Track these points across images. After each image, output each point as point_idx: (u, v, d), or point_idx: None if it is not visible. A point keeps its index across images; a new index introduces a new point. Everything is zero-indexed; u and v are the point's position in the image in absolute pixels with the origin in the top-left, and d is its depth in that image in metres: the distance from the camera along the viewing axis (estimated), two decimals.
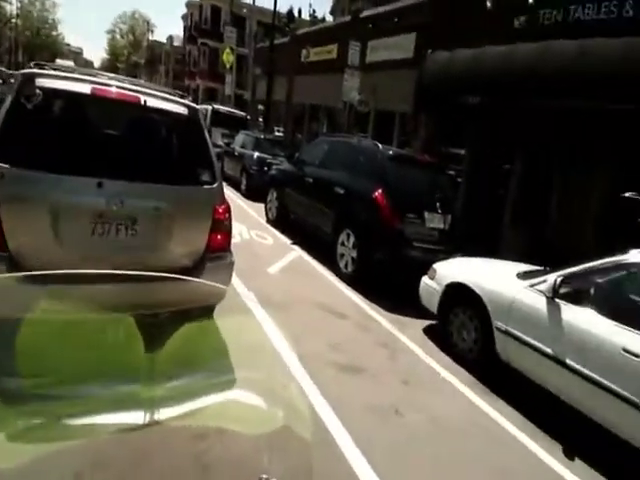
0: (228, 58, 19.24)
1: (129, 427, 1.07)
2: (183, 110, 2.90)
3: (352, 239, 5.50)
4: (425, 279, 4.43)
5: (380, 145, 6.03)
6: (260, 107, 19.08)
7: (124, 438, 1.09)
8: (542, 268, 3.75)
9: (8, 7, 37.69)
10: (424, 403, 3.17)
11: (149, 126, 2.98)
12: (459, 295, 3.94)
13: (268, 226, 7.65)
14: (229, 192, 9.74)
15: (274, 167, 8.34)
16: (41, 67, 2.68)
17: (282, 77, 16.44)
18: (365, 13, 12.17)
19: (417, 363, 3.79)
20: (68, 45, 64.85)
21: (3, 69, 22.21)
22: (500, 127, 7.85)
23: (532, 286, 3.43)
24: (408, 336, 4.24)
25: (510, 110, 6.51)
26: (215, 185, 2.95)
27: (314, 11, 28.51)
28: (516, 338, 3.38)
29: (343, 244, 5.64)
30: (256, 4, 21.62)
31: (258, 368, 1.33)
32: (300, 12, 29.85)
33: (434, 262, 4.50)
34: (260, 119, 18.27)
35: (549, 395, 3.20)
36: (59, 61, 26.37)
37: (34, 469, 0.90)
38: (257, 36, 21.68)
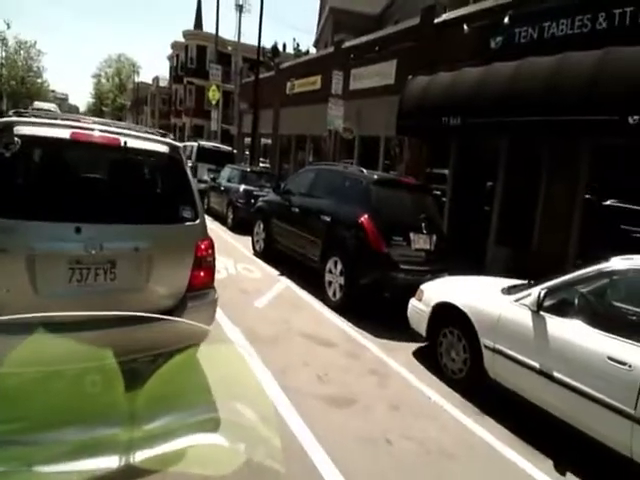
0: (214, 95, 20.12)
1: (104, 472, 1.10)
2: (164, 149, 3.00)
3: (339, 266, 5.65)
4: (413, 301, 4.54)
5: (365, 170, 6.30)
6: (247, 140, 19.74)
7: None
8: (526, 282, 3.89)
9: None
10: (415, 429, 3.21)
11: (129, 167, 3.08)
12: (447, 315, 4.05)
13: (255, 259, 7.81)
14: (216, 227, 9.96)
15: (260, 199, 8.59)
16: (20, 115, 2.77)
17: (268, 110, 17.18)
18: (347, 44, 12.93)
19: (407, 388, 3.84)
20: (53, 92, 67.36)
21: None
22: (482, 146, 8.23)
23: (517, 301, 3.55)
24: (397, 361, 4.31)
25: (491, 129, 6.85)
26: (197, 221, 3.02)
27: (298, 45, 29.96)
28: (503, 354, 3.47)
29: (330, 272, 5.79)
30: (241, 41, 22.85)
31: (242, 404, 1.37)
32: (285, 46, 31.54)
33: (421, 283, 4.64)
34: (246, 152, 18.86)
35: (539, 411, 3.26)
36: (37, 103, 26.80)
37: None
38: (242, 72, 22.76)
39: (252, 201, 9.42)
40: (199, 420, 1.30)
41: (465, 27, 8.37)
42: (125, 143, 2.80)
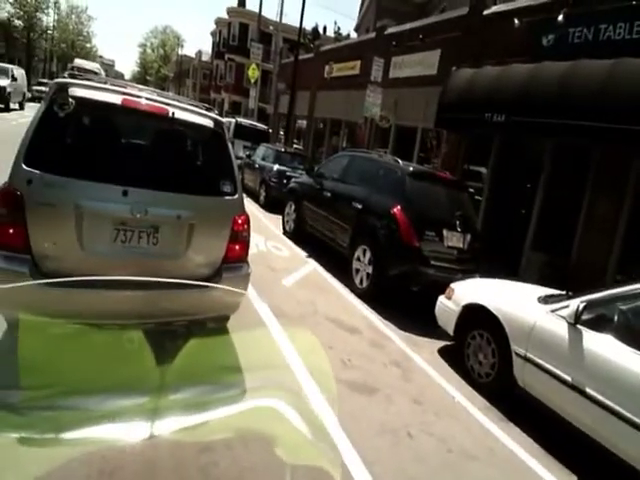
0: (253, 73, 19.84)
1: (132, 440, 1.07)
2: (208, 123, 2.97)
3: (368, 255, 5.51)
4: (442, 299, 4.39)
5: (400, 161, 6.06)
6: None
7: (129, 450, 1.08)
8: (564, 293, 3.67)
9: (45, 18, 39.64)
10: (437, 427, 3.11)
11: (175, 137, 3.05)
12: (477, 317, 3.89)
13: (285, 238, 7.74)
14: (248, 203, 9.83)
15: (293, 180, 8.46)
16: (74, 77, 2.78)
17: (305, 92, 16.84)
18: (390, 30, 12.39)
19: (430, 385, 3.73)
20: (101, 57, 67.99)
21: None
22: (525, 146, 7.80)
23: (553, 311, 3.36)
24: (422, 356, 4.20)
25: (537, 130, 6.46)
26: (236, 196, 3.01)
27: (339, 28, 28.89)
28: (535, 364, 3.30)
29: (359, 259, 5.66)
30: (282, 21, 22.29)
31: (272, 384, 1.33)
32: (325, 29, 30.65)
33: (451, 282, 4.47)
34: (281, 132, 18.63)
35: (568, 424, 3.11)
36: (78, 61, 26.94)
37: None
38: (282, 52, 22.30)
39: (284, 181, 9.32)
40: (227, 395, 1.25)
41: (516, 21, 7.85)
42: (173, 114, 2.77)
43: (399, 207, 5.27)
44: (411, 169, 5.81)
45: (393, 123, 11.29)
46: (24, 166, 2.42)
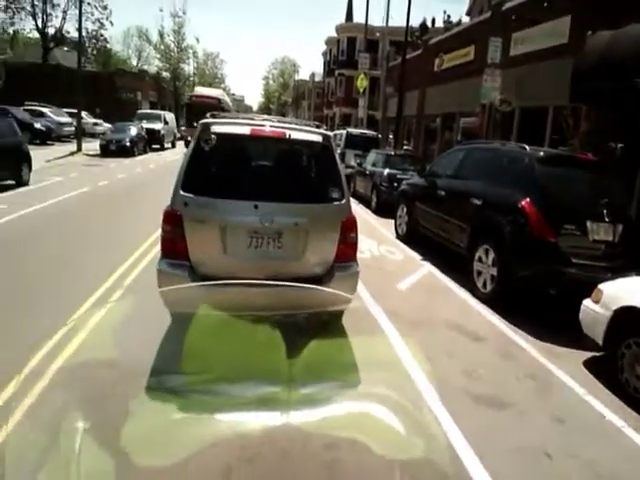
0: (362, 83, 20.49)
1: (270, 426, 1.20)
2: (318, 138, 3.44)
3: (491, 255, 5.12)
4: (587, 303, 3.85)
5: (527, 147, 5.53)
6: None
7: (266, 437, 1.22)
8: None
9: (186, 68, 48.23)
10: (581, 447, 2.74)
11: (292, 155, 3.67)
12: (633, 322, 3.33)
13: (397, 242, 7.70)
14: (360, 210, 10.12)
15: (404, 182, 8.41)
16: (215, 117, 3.52)
17: (413, 91, 16.61)
18: (508, 4, 11.47)
19: (574, 401, 3.29)
20: (233, 94, 77.32)
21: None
22: None
23: None
24: (562, 368, 3.71)
25: None
26: (343, 201, 3.38)
27: (449, 17, 27.39)
28: None
29: (480, 260, 5.30)
30: (389, 24, 22.26)
31: (390, 388, 1.38)
32: (434, 21, 29.62)
33: (599, 282, 3.88)
34: (390, 136, 18.59)
35: None
36: (198, 89, 31.16)
37: (192, 460, 1.03)
38: (389, 56, 22.35)
39: (395, 184, 9.38)
40: (351, 392, 1.34)
41: None
42: (289, 135, 3.31)
43: (528, 199, 4.81)
44: (541, 154, 5.28)
45: (516, 106, 10.33)
46: (182, 192, 3.13)
